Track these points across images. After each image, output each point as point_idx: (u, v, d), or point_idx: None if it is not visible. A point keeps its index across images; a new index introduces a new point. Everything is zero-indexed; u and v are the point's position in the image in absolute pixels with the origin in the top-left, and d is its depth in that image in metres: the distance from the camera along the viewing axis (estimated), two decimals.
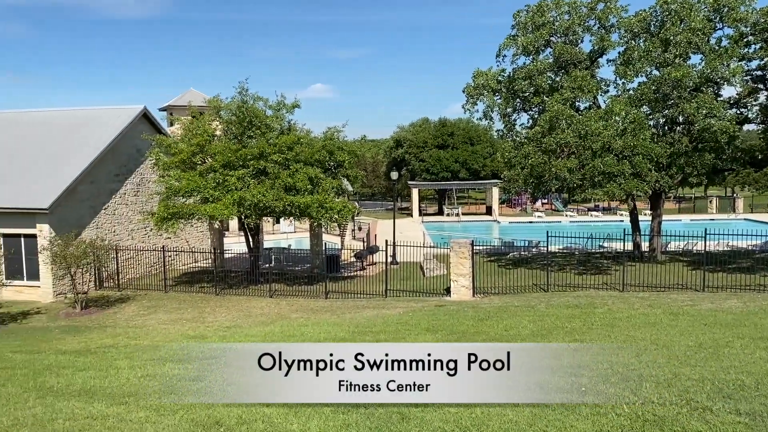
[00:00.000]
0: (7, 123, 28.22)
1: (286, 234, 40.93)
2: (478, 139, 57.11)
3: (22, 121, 28.22)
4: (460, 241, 20.23)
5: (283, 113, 24.85)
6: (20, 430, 6.27)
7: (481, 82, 27.13)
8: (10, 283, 22.42)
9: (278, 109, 24.77)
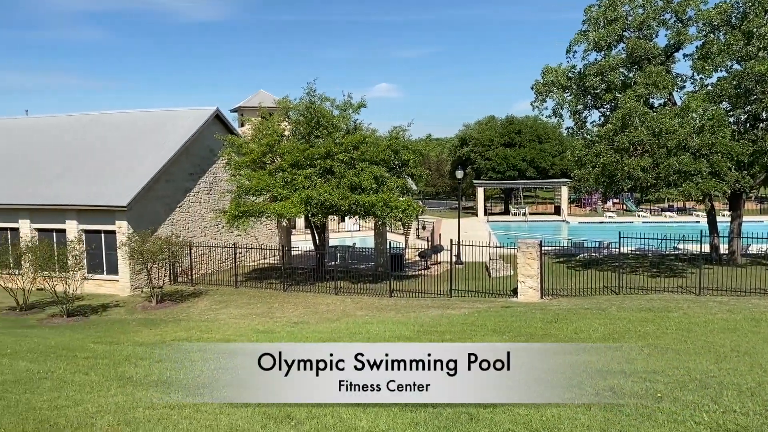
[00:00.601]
0: (87, 124, 29.69)
1: (351, 232, 41.36)
2: (547, 137, 55.99)
3: (101, 123, 29.63)
4: (528, 241, 19.89)
5: (350, 113, 25.11)
6: (104, 416, 6.59)
7: (551, 79, 26.57)
8: (92, 276, 23.61)
9: (344, 109, 25.05)
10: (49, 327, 17.80)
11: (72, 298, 19.94)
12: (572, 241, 32.44)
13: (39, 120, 31.97)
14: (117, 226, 23.46)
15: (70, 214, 24.27)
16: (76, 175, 25.71)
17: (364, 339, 13.55)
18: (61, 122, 30.70)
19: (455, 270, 23.26)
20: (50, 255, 20.18)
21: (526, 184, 56.93)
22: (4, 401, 7.43)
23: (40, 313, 20.19)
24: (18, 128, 31.07)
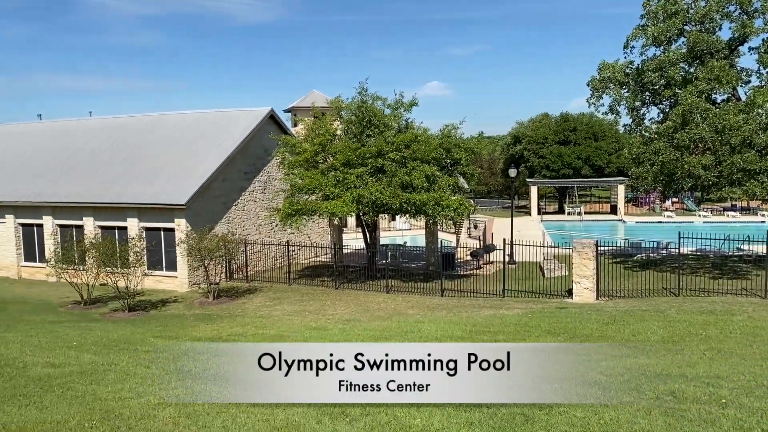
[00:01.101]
0: (148, 125, 30.67)
1: (402, 231, 41.38)
2: (603, 134, 54.68)
3: (161, 124, 30.55)
4: (584, 240, 19.51)
5: (401, 112, 25.13)
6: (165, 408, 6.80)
7: (607, 75, 25.93)
8: (151, 272, 24.37)
9: (396, 108, 25.08)
10: (111, 321, 18.47)
11: (133, 294, 20.64)
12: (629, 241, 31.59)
13: (102, 121, 33.22)
14: (176, 223, 24.15)
15: (132, 212, 25.13)
16: (137, 175, 26.59)
17: (416, 338, 13.56)
18: (122, 123, 31.82)
19: (508, 270, 22.99)
20: (113, 252, 20.92)
21: (582, 182, 55.75)
22: (72, 391, 7.76)
23: (103, 307, 20.97)
24: (82, 129, 32.35)
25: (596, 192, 72.89)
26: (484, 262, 28.02)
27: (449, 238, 34.15)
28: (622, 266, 25.24)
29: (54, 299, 22.75)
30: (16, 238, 28.19)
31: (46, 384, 8.20)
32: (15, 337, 13.17)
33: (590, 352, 11.03)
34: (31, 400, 7.26)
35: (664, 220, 48.38)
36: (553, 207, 62.03)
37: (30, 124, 35.68)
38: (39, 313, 19.76)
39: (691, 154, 22.61)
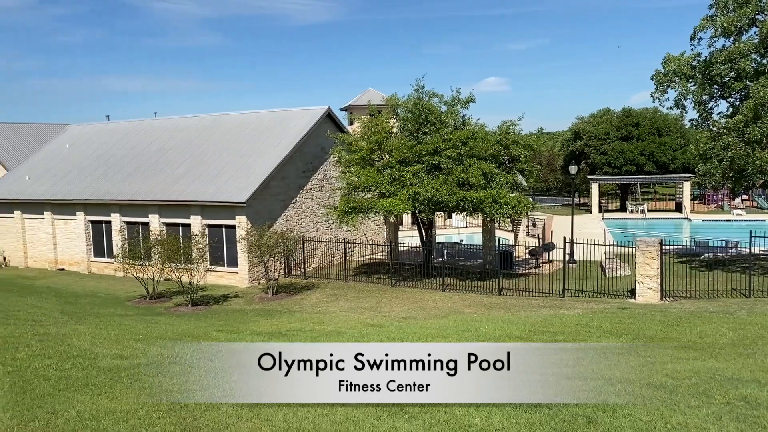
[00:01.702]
0: (209, 125, 31.49)
1: (458, 229, 41.12)
2: (667, 129, 52.86)
3: (222, 124, 31.31)
4: (648, 239, 18.91)
5: (458, 108, 24.93)
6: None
7: (673, 68, 25.00)
8: (213, 268, 25.05)
9: (453, 105, 24.90)
10: (175, 315, 19.07)
11: (196, 289, 21.26)
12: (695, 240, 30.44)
13: (166, 122, 34.32)
14: (237, 221, 24.73)
15: (195, 209, 25.87)
16: (200, 173, 27.35)
17: (473, 337, 13.45)
18: (185, 123, 32.78)
19: (568, 269, 22.51)
20: (177, 248, 21.61)
21: (645, 179, 54.07)
22: (140, 382, 8.05)
23: (167, 301, 21.68)
24: (148, 130, 33.51)
25: (660, 189, 70.58)
26: (543, 260, 27.54)
27: (507, 236, 33.71)
28: (688, 266, 24.35)
29: (121, 293, 23.68)
30: (86, 235, 29.47)
31: (116, 375, 8.54)
32: (86, 329, 13.76)
33: (655, 353, 10.70)
34: (102, 390, 7.56)
35: (734, 218, 46.42)
36: (614, 204, 60.41)
37: (99, 125, 37.23)
38: (107, 307, 20.60)
39: (763, 149, 21.58)
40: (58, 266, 30.53)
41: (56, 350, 10.35)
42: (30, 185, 31.72)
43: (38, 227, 31.11)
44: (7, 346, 10.48)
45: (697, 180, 33.86)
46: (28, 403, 6.98)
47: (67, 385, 7.80)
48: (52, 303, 20.23)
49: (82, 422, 6.20)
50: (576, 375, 8.40)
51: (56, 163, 33.10)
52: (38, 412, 6.55)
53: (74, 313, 17.71)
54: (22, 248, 31.67)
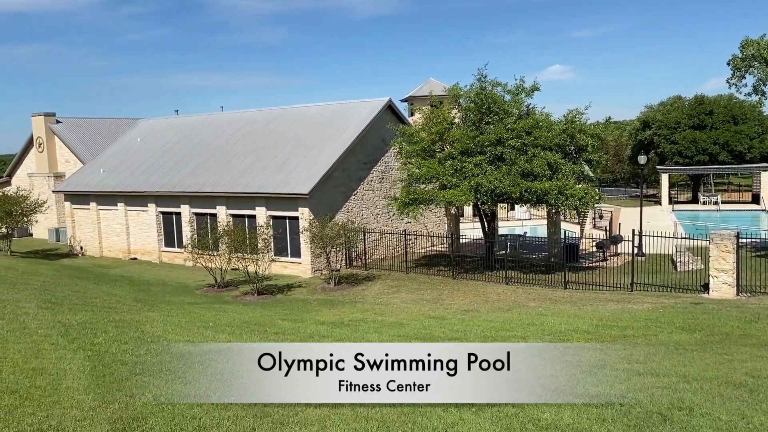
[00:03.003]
0: (274, 119, 32.05)
1: (521, 221, 40.44)
2: (744, 117, 50.29)
3: (286, 117, 31.81)
4: (723, 232, 18.11)
5: (522, 97, 24.42)
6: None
7: (751, 53, 23.77)
8: (278, 258, 25.54)
9: (516, 94, 24.41)
10: (242, 304, 19.56)
11: (261, 278, 21.73)
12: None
13: (231, 116, 35.15)
14: (300, 212, 25.12)
15: (260, 201, 26.43)
16: (264, 166, 27.90)
17: (539, 331, 13.23)
18: (250, 117, 33.48)
19: (636, 262, 21.80)
20: (243, 238, 22.13)
21: (719, 169, 51.66)
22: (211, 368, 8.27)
23: (234, 290, 22.25)
24: (215, 124, 34.41)
25: (735, 180, 67.39)
26: (610, 253, 26.78)
27: (573, 229, 32.92)
28: (766, 260, 23.16)
29: (190, 282, 24.46)
30: (157, 225, 30.58)
31: (188, 360, 8.81)
32: (158, 316, 14.27)
33: (732, 351, 10.24)
34: (175, 375, 7.83)
35: None
36: (685, 196, 58.08)
37: (168, 120, 38.48)
38: (178, 295, 21.32)
39: None
40: (131, 255, 31.81)
41: (131, 336, 10.78)
42: (104, 178, 33.14)
43: (112, 218, 32.49)
44: (86, 331, 10.99)
45: None
46: (108, 386, 7.29)
47: (143, 370, 8.12)
48: (125, 291, 21.11)
49: (159, 405, 6.43)
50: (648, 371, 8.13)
51: (128, 157, 34.44)
52: (117, 395, 6.84)
53: (146, 301, 18.41)
54: (98, 238, 33.15)
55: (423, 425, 5.58)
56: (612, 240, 27.35)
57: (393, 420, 5.71)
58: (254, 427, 5.75)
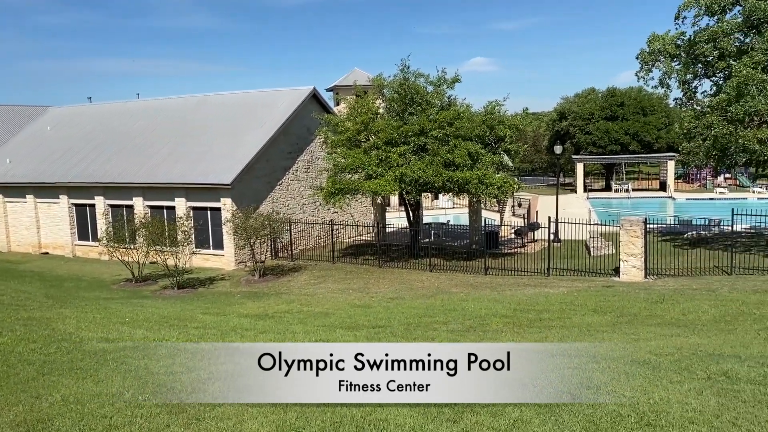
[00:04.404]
0: (194, 107, 31.17)
1: (445, 209, 41.19)
2: (652, 109, 53.06)
3: (206, 105, 31.01)
4: (632, 218, 19.08)
5: (444, 89, 24.83)
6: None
7: (657, 48, 25.04)
8: (199, 251, 24.95)
9: (438, 85, 24.78)
10: (161, 298, 19.01)
11: (182, 272, 21.18)
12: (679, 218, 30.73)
13: (149, 103, 33.94)
14: (222, 203, 24.58)
15: (179, 192, 25.68)
16: (184, 155, 27.12)
17: (460, 316, 13.55)
18: (169, 105, 32.42)
19: (553, 248, 22.67)
20: (162, 230, 21.48)
21: (629, 158, 54.34)
22: (126, 365, 8.01)
23: (153, 285, 21.59)
24: (131, 111, 33.11)
25: (644, 168, 71.04)
26: (528, 240, 27.71)
27: (493, 216, 33.83)
28: (672, 244, 24.61)
29: (106, 277, 23.54)
30: (69, 218, 29.18)
31: (102, 358, 8.49)
32: (71, 312, 13.66)
33: (639, 331, 10.85)
34: (87, 373, 7.52)
35: (716, 196, 46.88)
36: (599, 184, 60.76)
37: (80, 107, 36.72)
38: (92, 290, 20.48)
39: (746, 128, 21.75)
40: (42, 250, 30.24)
41: (41, 334, 10.27)
42: (11, 168, 31.29)
43: (21, 211, 30.74)
44: None
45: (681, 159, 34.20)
46: (12, 387, 6.93)
47: (51, 369, 7.75)
48: (36, 287, 20.08)
49: (67, 406, 6.16)
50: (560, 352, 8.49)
51: (38, 146, 32.64)
52: (22, 397, 6.51)
53: (59, 297, 17.59)
54: (5, 232, 31.31)
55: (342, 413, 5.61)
56: (530, 227, 28.30)
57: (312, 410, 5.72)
58: (168, 424, 5.60)
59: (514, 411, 5.59)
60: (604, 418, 5.37)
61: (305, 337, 10.40)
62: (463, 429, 5.21)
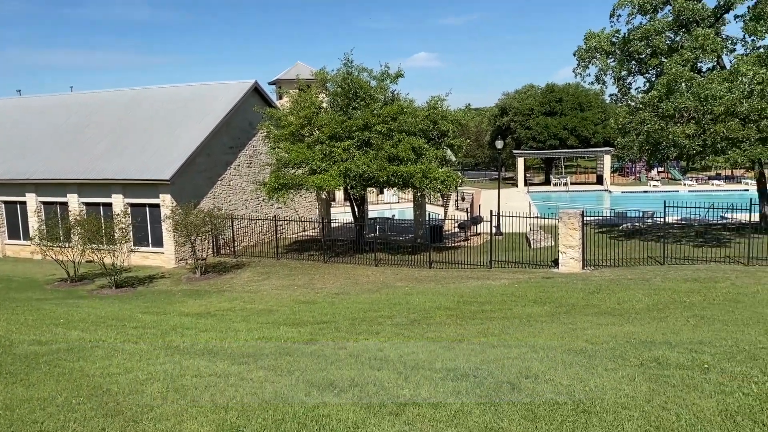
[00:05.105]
0: (131, 100, 30.22)
1: (390, 204, 41.39)
2: (589, 104, 54.67)
3: (144, 98, 30.11)
4: (570, 211, 19.60)
5: (387, 83, 24.87)
6: (154, 383, 6.80)
7: (594, 45, 25.79)
8: (138, 249, 24.26)
9: (382, 80, 24.82)
10: (98, 298, 18.41)
11: (120, 270, 20.55)
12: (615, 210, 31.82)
13: (85, 96, 32.68)
14: (161, 199, 23.96)
15: (116, 188, 24.88)
16: (121, 150, 26.28)
17: (404, 310, 13.64)
18: (105, 98, 31.32)
19: (495, 241, 23.10)
20: (98, 228, 20.77)
21: (568, 153, 55.86)
22: (59, 368, 7.73)
23: (90, 284, 20.88)
24: (64, 105, 31.82)
25: (582, 162, 73.16)
26: (471, 233, 28.14)
27: (437, 211, 34.20)
28: (608, 236, 25.46)
29: (39, 277, 22.62)
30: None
31: (33, 361, 8.17)
32: (1, 315, 13.09)
33: (576, 320, 11.17)
34: (17, 378, 7.23)
35: (650, 189, 48.72)
36: (539, 178, 62.21)
37: (9, 100, 35.05)
38: (25, 291, 19.65)
39: (675, 124, 22.66)
40: None
41: None
42: None
43: None
44: None
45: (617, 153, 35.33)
46: None
47: None
48: None
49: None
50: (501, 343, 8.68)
51: None
52: None
53: None
54: None
55: (284, 411, 5.57)
56: (473, 220, 28.74)
57: (253, 408, 5.65)
58: (104, 428, 5.43)
59: (455, 402, 5.67)
60: (542, 407, 5.51)
61: (248, 335, 10.27)
62: (405, 422, 5.25)
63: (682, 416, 5.14)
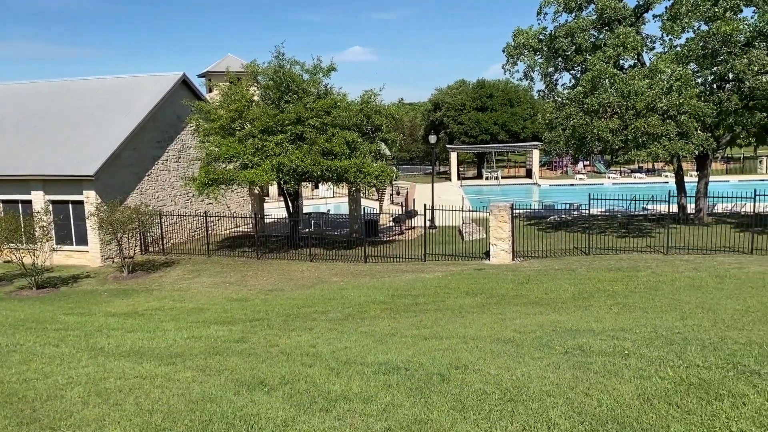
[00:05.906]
0: (52, 92, 28.82)
1: (325, 199, 41.19)
2: (518, 100, 56.00)
3: (66, 90, 28.76)
4: (500, 204, 20.04)
5: (320, 77, 24.70)
6: (74, 388, 6.52)
7: (522, 41, 26.42)
8: (60, 248, 23.21)
9: (315, 73, 24.62)
10: (18, 299, 17.53)
11: (41, 270, 19.62)
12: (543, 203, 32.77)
13: (2, 88, 30.92)
14: (85, 196, 22.99)
15: (36, 184, 23.70)
16: (42, 145, 25.03)
17: (339, 305, 13.62)
18: (25, 90, 29.75)
19: (429, 234, 23.37)
20: (16, 227, 19.74)
21: (498, 147, 57.06)
22: None
23: (8, 285, 19.85)
24: None
25: (513, 157, 74.90)
26: (406, 227, 28.36)
27: (372, 205, 34.28)
28: (537, 228, 26.20)
29: None
30: None
31: None
32: None
33: (505, 311, 11.44)
34: None
35: (576, 182, 50.40)
36: (472, 172, 63.32)
37: None
38: None
39: (600, 119, 23.51)
40: None
41: None
42: None
43: None
44: None
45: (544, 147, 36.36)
46: None
47: None
48: None
49: None
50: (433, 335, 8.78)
51: None
52: None
53: None
54: None
55: (212, 411, 5.45)
56: (407, 214, 28.99)
57: (180, 410, 5.51)
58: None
59: (386, 395, 5.70)
60: (470, 397, 5.61)
61: (177, 335, 10.00)
62: (335, 417, 5.24)
63: (603, 402, 5.34)
